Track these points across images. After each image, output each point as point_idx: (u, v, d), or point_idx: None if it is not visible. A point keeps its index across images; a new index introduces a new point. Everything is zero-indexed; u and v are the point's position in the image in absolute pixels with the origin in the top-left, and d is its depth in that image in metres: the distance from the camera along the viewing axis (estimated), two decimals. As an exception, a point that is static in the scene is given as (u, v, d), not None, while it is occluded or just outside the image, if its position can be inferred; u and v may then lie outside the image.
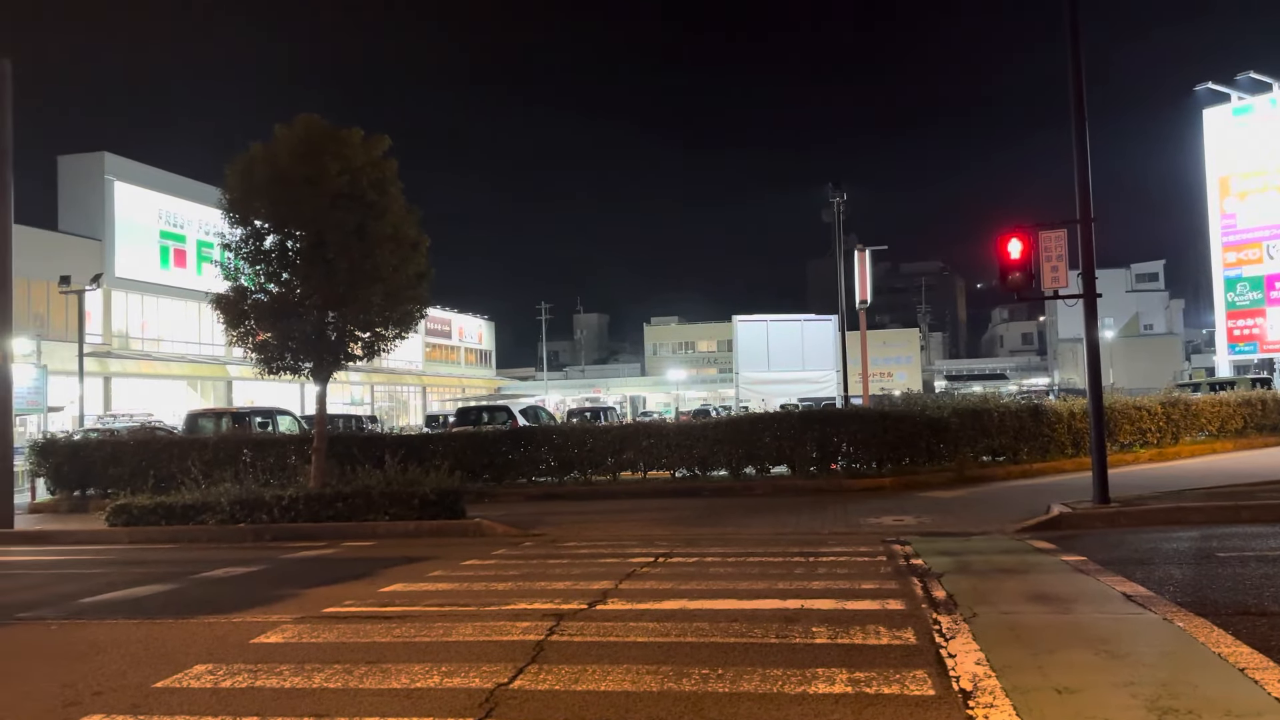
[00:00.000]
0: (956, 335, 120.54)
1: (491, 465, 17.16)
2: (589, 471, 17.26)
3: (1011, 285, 12.27)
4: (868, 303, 25.49)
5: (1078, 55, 12.02)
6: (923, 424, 16.80)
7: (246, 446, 16.65)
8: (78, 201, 41.43)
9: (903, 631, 5.88)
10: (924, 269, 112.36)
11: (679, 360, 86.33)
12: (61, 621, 7.17)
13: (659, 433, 17.66)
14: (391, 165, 13.45)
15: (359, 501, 12.49)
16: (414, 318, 13.91)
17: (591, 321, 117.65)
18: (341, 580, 8.63)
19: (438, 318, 69.95)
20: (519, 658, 5.50)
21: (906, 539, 10.16)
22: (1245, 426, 22.10)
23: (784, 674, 5.02)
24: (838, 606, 6.62)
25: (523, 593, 7.57)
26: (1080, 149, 12.01)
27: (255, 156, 12.92)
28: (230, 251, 13.24)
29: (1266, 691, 4.48)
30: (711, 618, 6.39)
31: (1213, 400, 22.05)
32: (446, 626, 6.40)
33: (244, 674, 5.36)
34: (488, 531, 12.01)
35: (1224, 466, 17.14)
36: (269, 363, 13.33)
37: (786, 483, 16.32)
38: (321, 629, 6.51)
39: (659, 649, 5.64)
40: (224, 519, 12.55)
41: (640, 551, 9.77)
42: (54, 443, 18.17)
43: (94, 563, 10.78)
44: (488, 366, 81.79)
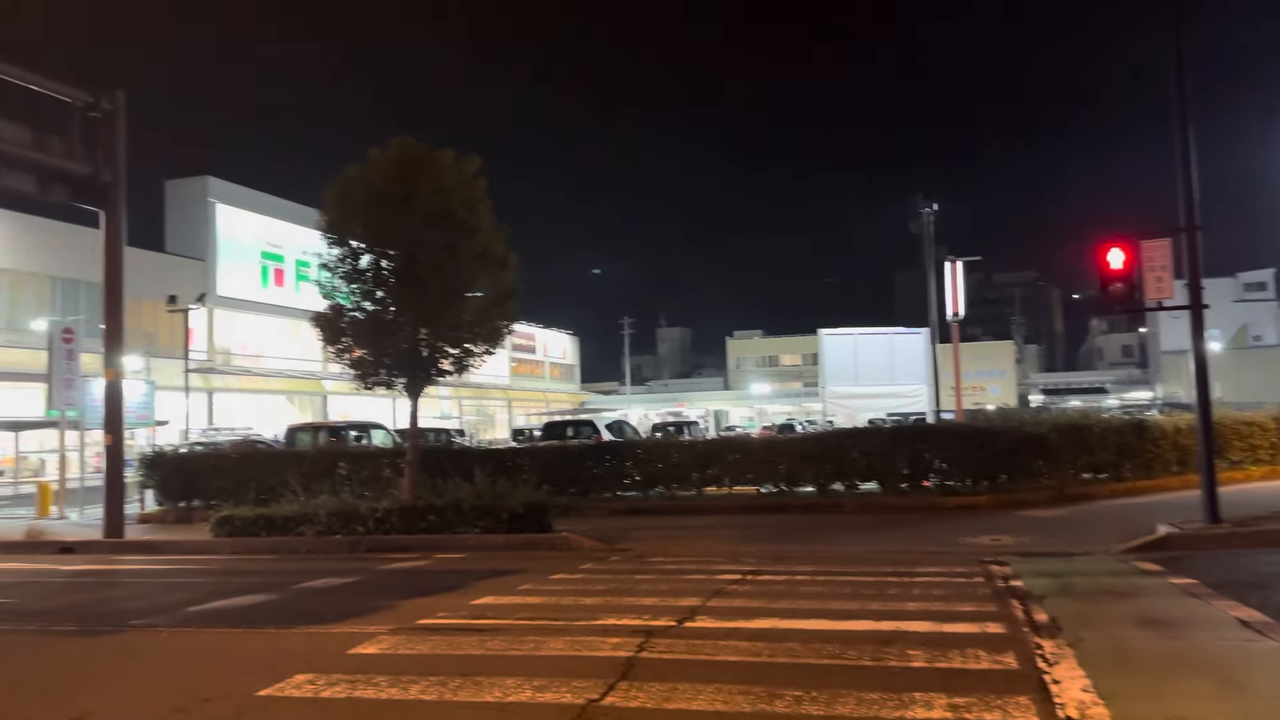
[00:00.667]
0: (1053, 348, 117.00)
1: (577, 479, 17.25)
2: (674, 486, 17.22)
3: (1113, 296, 11.85)
4: (960, 315, 24.89)
5: (1180, 55, 11.57)
6: (1020, 440, 16.30)
7: (343, 460, 17.11)
8: (183, 224, 43.39)
9: (1004, 656, 5.70)
10: (1018, 279, 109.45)
11: (762, 374, 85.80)
12: (171, 629, 7.46)
13: (744, 448, 17.55)
14: (481, 185, 13.72)
15: (450, 514, 12.71)
16: (502, 334, 14.14)
17: (674, 335, 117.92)
18: (434, 592, 8.77)
19: (523, 333, 70.95)
20: (609, 674, 5.50)
21: (1005, 559, 9.85)
22: (1369, 443, 20.80)
23: (881, 698, 4.90)
24: (934, 629, 6.45)
25: (611, 608, 7.57)
26: (1184, 153, 11.55)
27: (351, 178, 13.33)
28: (328, 271, 13.67)
29: (1405, 729, 4.20)
30: (803, 638, 6.29)
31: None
32: (537, 640, 6.45)
33: (343, 684, 5.49)
34: (574, 546, 12.07)
35: (1347, 486, 16.18)
36: (365, 378, 13.70)
37: (876, 500, 16.02)
38: (416, 641, 6.63)
39: (750, 669, 5.57)
40: (321, 530, 12.90)
41: (727, 568, 9.69)
42: (161, 455, 18.96)
43: (199, 572, 11.20)
44: (571, 381, 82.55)
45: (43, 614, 8.43)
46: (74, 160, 14.59)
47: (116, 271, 15.20)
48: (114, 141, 14.98)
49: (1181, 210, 11.62)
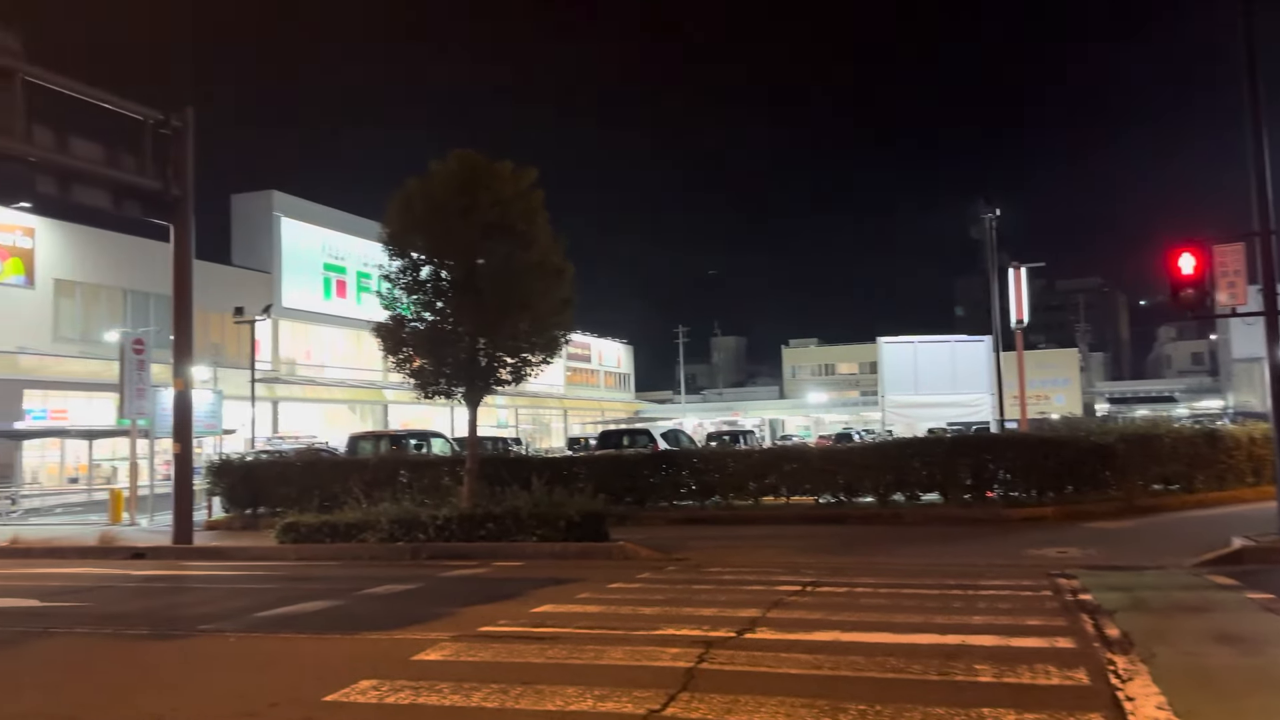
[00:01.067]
0: (1119, 355, 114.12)
1: (633, 488, 17.27)
2: (730, 496, 17.13)
3: (1183, 303, 11.54)
4: (1024, 322, 24.39)
5: (1251, 50, 11.23)
6: (1086, 450, 15.92)
7: (403, 467, 17.36)
8: (249, 237, 44.46)
9: (1074, 671, 5.55)
10: (1082, 285, 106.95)
11: (818, 383, 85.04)
12: (239, 634, 7.62)
13: (802, 457, 17.40)
14: (538, 196, 13.85)
15: (508, 522, 12.80)
16: (559, 343, 14.24)
17: (729, 344, 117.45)
18: (494, 600, 8.84)
19: (578, 342, 71.27)
20: (670, 684, 5.48)
21: (1072, 572, 9.61)
22: None
23: (948, 713, 4.81)
24: (1002, 643, 6.31)
25: (670, 618, 7.55)
26: (1257, 153, 11.21)
27: (413, 191, 13.55)
28: (389, 282, 13.90)
29: None
30: (866, 651, 6.20)
31: None
32: (597, 650, 6.45)
33: (407, 690, 5.55)
34: (631, 554, 12.07)
35: None
36: (425, 387, 13.90)
37: (938, 511, 15.76)
38: (478, 648, 6.68)
39: (813, 681, 5.51)
40: (383, 537, 13.08)
41: (786, 579, 9.61)
42: (228, 463, 19.42)
43: (265, 578, 11.44)
44: (626, 390, 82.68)
45: (117, 618, 8.67)
46: (145, 176, 15.04)
47: (186, 284, 15.62)
48: (183, 157, 15.42)
49: (1255, 213, 11.27)
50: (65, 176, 14.30)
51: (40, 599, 9.90)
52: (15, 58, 12.94)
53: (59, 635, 7.85)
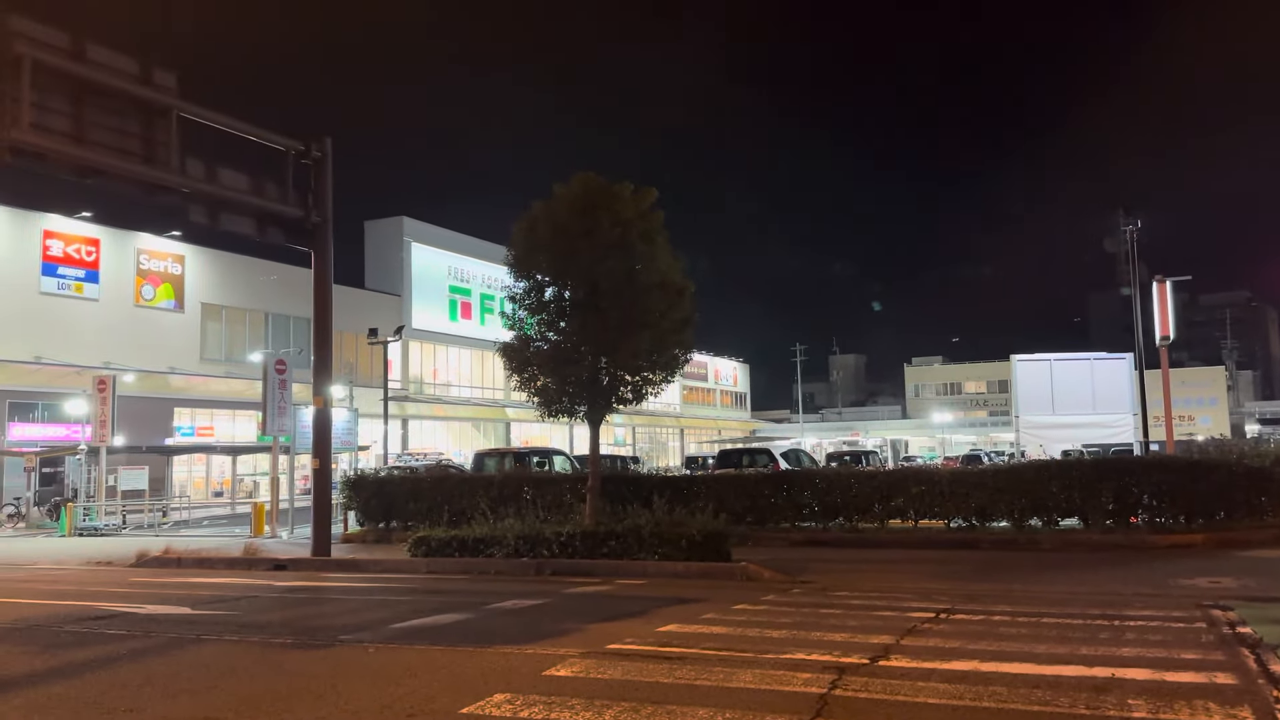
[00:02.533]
0: (1269, 373, 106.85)
1: (754, 508, 17.11)
2: (854, 518, 16.78)
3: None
4: (1170, 339, 23.10)
5: None
6: (1240, 474, 14.98)
7: (527, 484, 17.68)
8: (381, 261, 46.36)
9: (1238, 709, 5.18)
10: (1228, 300, 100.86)
11: (943, 402, 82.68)
12: (377, 645, 7.87)
13: (930, 479, 16.89)
14: (658, 216, 13.97)
15: (630, 540, 12.86)
16: (679, 362, 14.29)
17: (848, 362, 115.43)
18: (619, 617, 8.87)
19: (695, 360, 71.33)
20: (803, 710, 5.37)
21: (1228, 603, 9.00)
22: None
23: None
24: (1155, 677, 5.95)
25: (799, 642, 7.42)
26: None
27: (537, 215, 13.88)
28: (514, 303, 14.24)
29: None
30: (1009, 682, 5.94)
31: None
32: (726, 672, 6.39)
33: (539, 705, 5.61)
34: (754, 576, 11.94)
35: None
36: (549, 405, 14.15)
37: (1078, 537, 15.05)
38: (607, 665, 6.71)
39: (953, 712, 5.31)
40: (509, 553, 13.33)
41: (918, 606, 9.32)
42: (363, 479, 20.18)
43: (399, 590, 11.79)
44: (742, 409, 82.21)
45: (262, 627, 9.08)
46: (288, 204, 15.84)
47: (325, 306, 16.36)
48: (323, 186, 16.19)
49: None
50: (214, 205, 15.20)
51: (191, 607, 10.47)
52: (171, 95, 13.85)
53: (209, 642, 8.26)
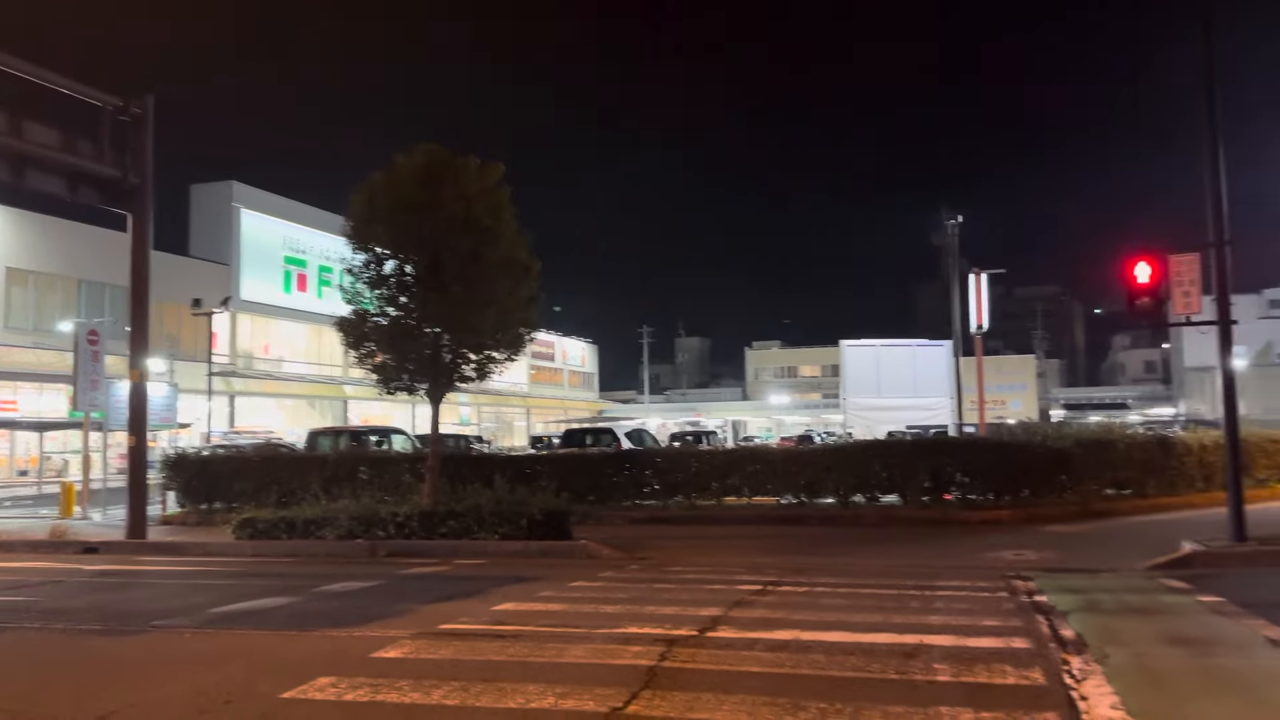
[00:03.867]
0: (1074, 363, 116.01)
1: (596, 487, 17.26)
2: (693, 495, 17.18)
3: (1139, 311, 11.76)
4: (984, 328, 24.73)
5: (1210, 65, 11.47)
6: (1043, 454, 16.18)
7: (364, 464, 17.19)
8: (208, 228, 43.79)
9: (1030, 671, 5.64)
10: (1040, 293, 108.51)
11: (781, 385, 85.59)
12: (194, 630, 7.50)
13: (765, 458, 17.49)
14: (505, 192, 13.79)
15: (470, 520, 12.72)
16: (523, 340, 14.20)
17: (692, 345, 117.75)
18: (455, 597, 8.79)
19: (542, 340, 71.08)
20: (632, 682, 5.48)
21: (1028, 574, 9.75)
22: (1397, 462, 20.52)
23: (906, 711, 4.86)
24: (959, 643, 6.39)
25: (632, 616, 7.56)
26: (1213, 166, 11.45)
27: (376, 185, 13.44)
28: (352, 276, 13.76)
29: None
30: (826, 650, 6.25)
31: (1361, 434, 20.57)
32: (559, 647, 6.44)
33: (366, 688, 5.50)
34: (594, 553, 12.07)
35: (1376, 506, 15.94)
36: (387, 383, 13.78)
37: (897, 513, 15.92)
38: (439, 645, 6.63)
39: (774, 679, 5.54)
40: (342, 534, 12.95)
41: (748, 579, 9.65)
42: (184, 457, 19.10)
43: (222, 574, 11.26)
44: (590, 389, 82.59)
45: (68, 613, 8.48)
46: (103, 163, 14.75)
47: (143, 274, 15.35)
48: (142, 145, 15.15)
49: (1210, 224, 11.52)
50: (19, 161, 14.00)
51: (-13, 593, 9.67)
52: (-32, 39, 12.60)
53: (7, 630, 7.67)
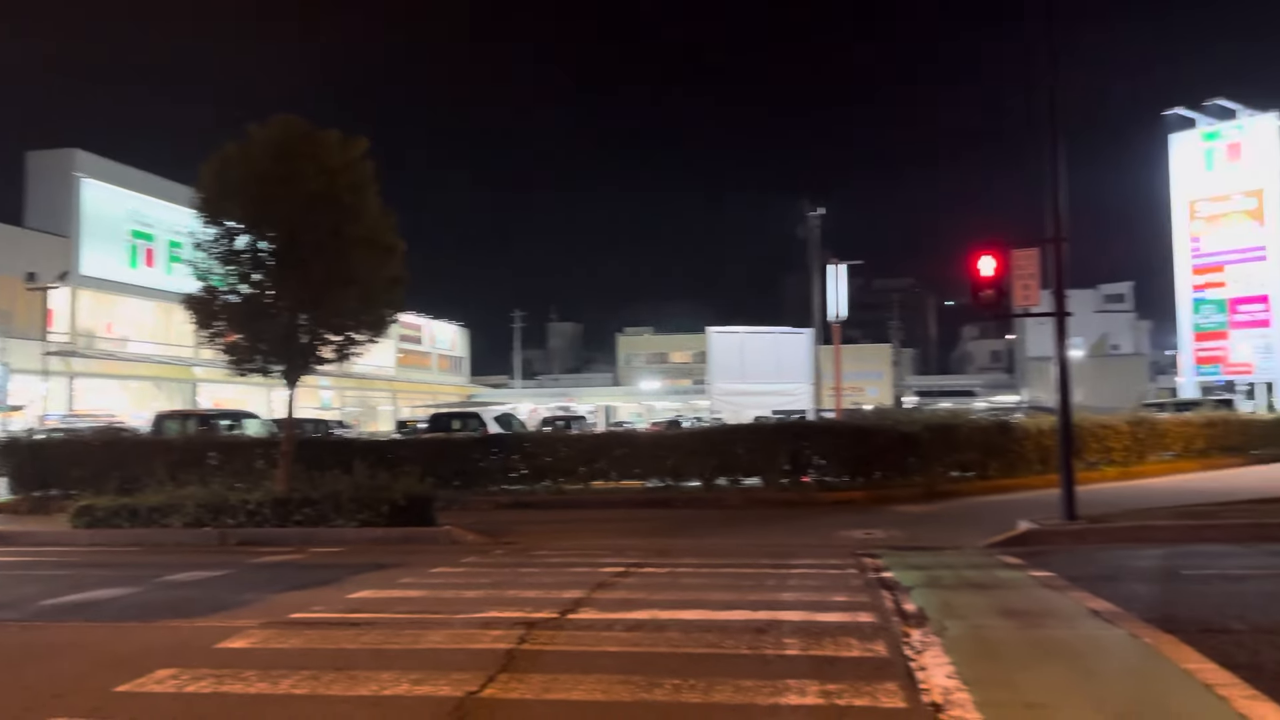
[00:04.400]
0: (927, 352, 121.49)
1: (463, 472, 17.05)
2: (561, 480, 17.19)
3: (983, 302, 12.40)
4: (842, 317, 25.63)
5: (1053, 81, 12.19)
6: (895, 438, 16.90)
7: (213, 449, 16.45)
8: (46, 198, 40.75)
9: (874, 644, 5.90)
10: (896, 285, 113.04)
11: (652, 371, 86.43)
12: (23, 623, 7.03)
13: (632, 442, 17.65)
14: (368, 168, 13.37)
15: (327, 506, 12.35)
16: (386, 322, 13.83)
17: (565, 330, 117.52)
18: (309, 586, 8.52)
19: (410, 323, 69.52)
20: (490, 666, 5.45)
21: (877, 552, 10.19)
22: (1208, 447, 22.43)
23: (756, 685, 5.01)
24: (809, 618, 6.62)
25: (493, 601, 7.51)
26: (1053, 168, 12.17)
27: (230, 155, 12.81)
28: (202, 251, 13.10)
29: (1233, 708, 4.52)
30: (683, 628, 6.37)
31: (1177, 421, 22.39)
32: (416, 634, 6.34)
33: (208, 679, 5.27)
34: (458, 539, 11.92)
35: (1188, 486, 17.37)
36: (239, 364, 13.20)
37: (759, 494, 16.35)
38: (289, 634, 6.42)
39: (631, 658, 5.61)
40: (189, 522, 12.36)
41: (612, 561, 9.73)
42: (15, 442, 17.84)
43: (56, 564, 10.58)
44: (460, 373, 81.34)
45: (-127, 609, 7.80)
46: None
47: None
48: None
49: (1049, 222, 12.24)
50: None
51: None
52: None
53: None
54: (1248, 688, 4.79)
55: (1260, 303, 36.22)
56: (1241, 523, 11.06)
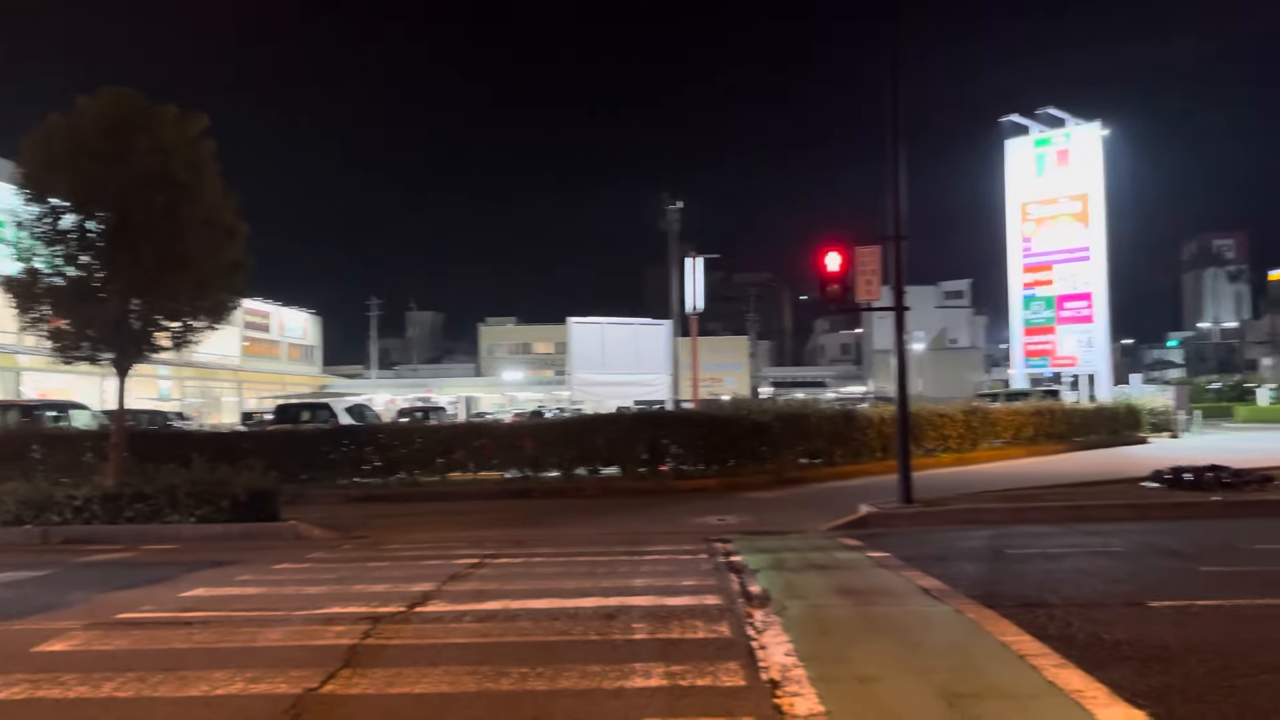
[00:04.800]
0: (783, 344, 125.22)
1: (311, 465, 16.51)
2: (416, 472, 16.88)
3: (829, 296, 12.87)
4: (699, 309, 26.08)
5: (896, 86, 12.74)
6: (748, 428, 17.37)
7: (36, 442, 15.36)
8: None
9: (718, 625, 6.06)
10: (754, 279, 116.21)
11: (516, 361, 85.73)
12: None
13: (490, 433, 17.51)
14: (208, 146, 12.71)
15: (162, 502, 11.71)
16: (227, 308, 13.19)
17: (425, 319, 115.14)
18: (139, 585, 8.08)
19: (257, 310, 66.57)
20: (330, 662, 5.31)
21: (728, 537, 10.45)
22: (1036, 434, 24.04)
23: (603, 670, 5.07)
24: (657, 603, 6.74)
25: (338, 596, 7.31)
26: (894, 174, 12.73)
27: (55, 128, 11.93)
28: (23, 230, 12.16)
29: (1043, 676, 4.88)
30: (534, 617, 6.37)
31: (1008, 410, 23.87)
32: (253, 631, 6.11)
33: (22, 684, 4.94)
34: (304, 534, 11.54)
35: (1017, 471, 18.57)
36: (65, 351, 12.34)
37: (617, 484, 16.50)
38: (114, 636, 6.07)
39: (479, 649, 5.58)
40: (9, 520, 11.50)
41: (467, 553, 9.63)
42: None
43: None
44: (312, 363, 78.50)
45: None
46: None
47: None
48: None
49: (890, 221, 12.83)
50: None
51: None
52: None
53: None
54: (1058, 657, 5.17)
55: (1084, 300, 38.94)
56: (1061, 505, 11.90)
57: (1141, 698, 4.47)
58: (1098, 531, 10.22)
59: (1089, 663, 5.04)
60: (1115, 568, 7.90)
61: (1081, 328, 39.08)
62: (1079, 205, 39.25)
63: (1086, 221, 38.97)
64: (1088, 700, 4.45)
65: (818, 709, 4.42)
